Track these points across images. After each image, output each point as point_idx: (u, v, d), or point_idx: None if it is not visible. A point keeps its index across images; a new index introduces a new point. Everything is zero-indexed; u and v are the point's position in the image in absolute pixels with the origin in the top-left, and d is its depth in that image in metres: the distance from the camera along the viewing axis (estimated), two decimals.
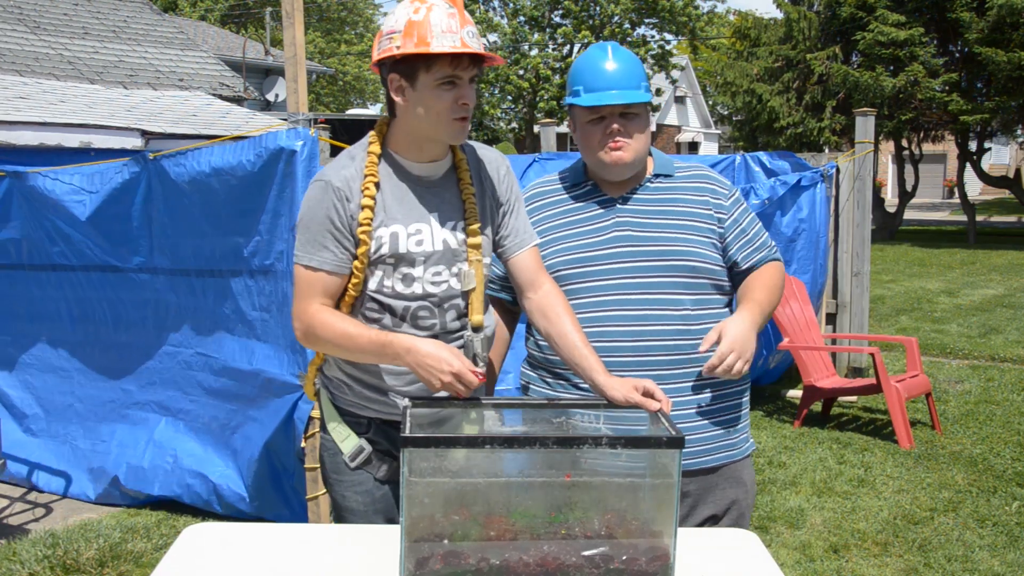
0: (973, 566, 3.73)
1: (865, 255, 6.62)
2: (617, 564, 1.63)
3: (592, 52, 2.24)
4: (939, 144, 21.59)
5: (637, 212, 2.23)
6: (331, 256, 1.95)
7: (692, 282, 2.17)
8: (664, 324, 2.14)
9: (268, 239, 3.80)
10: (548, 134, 7.67)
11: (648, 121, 2.23)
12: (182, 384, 4.32)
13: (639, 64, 2.23)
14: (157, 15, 12.92)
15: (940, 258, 15.90)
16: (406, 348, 1.85)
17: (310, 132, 3.63)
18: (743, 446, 2.28)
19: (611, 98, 2.16)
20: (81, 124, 5.98)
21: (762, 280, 2.24)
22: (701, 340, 2.12)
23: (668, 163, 2.31)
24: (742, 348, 2.05)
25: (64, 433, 4.68)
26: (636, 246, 2.18)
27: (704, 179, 2.29)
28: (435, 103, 1.89)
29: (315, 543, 1.89)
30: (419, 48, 1.84)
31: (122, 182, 4.16)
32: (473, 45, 1.87)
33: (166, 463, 4.37)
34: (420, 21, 1.85)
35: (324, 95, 33.40)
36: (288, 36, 3.50)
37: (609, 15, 28.00)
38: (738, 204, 2.29)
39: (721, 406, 2.21)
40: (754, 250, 2.27)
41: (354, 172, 1.97)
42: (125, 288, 4.41)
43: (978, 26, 16.26)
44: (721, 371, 2.03)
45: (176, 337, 4.30)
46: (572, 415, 1.98)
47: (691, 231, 2.20)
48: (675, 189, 2.27)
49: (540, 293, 2.06)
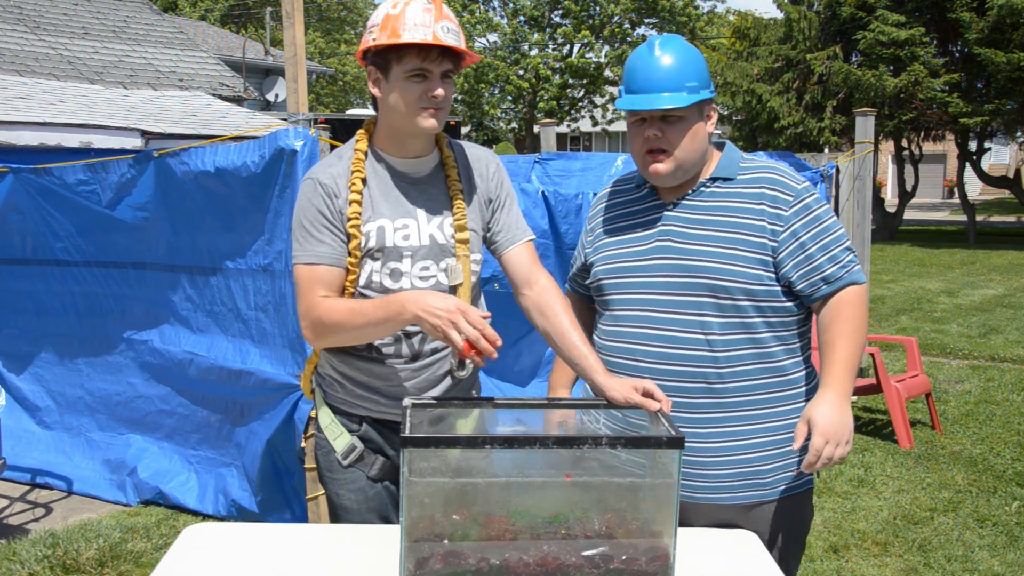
0: (973, 566, 3.73)
1: (865, 255, 6.62)
2: (617, 564, 1.63)
3: (640, 49, 2.05)
4: (939, 144, 21.58)
5: (682, 221, 2.04)
6: (328, 249, 1.97)
7: (724, 303, 1.97)
8: (687, 348, 1.98)
9: (269, 238, 3.81)
10: (548, 134, 7.66)
11: (697, 123, 2.01)
12: (180, 383, 4.33)
13: (692, 62, 2.01)
14: (157, 15, 12.92)
15: (940, 258, 15.90)
16: (411, 298, 1.83)
17: (310, 132, 3.64)
18: (778, 486, 2.03)
19: (645, 102, 1.98)
20: (81, 124, 5.99)
21: (840, 327, 1.95)
22: (725, 368, 1.97)
23: (733, 164, 2.08)
24: (837, 435, 1.86)
25: (77, 425, 4.73)
26: (673, 259, 2.01)
27: (766, 183, 2.02)
28: (405, 94, 1.92)
29: (315, 543, 1.89)
30: (391, 39, 1.88)
31: (126, 179, 4.16)
32: (446, 40, 1.88)
33: (169, 461, 4.38)
34: (396, 15, 1.89)
35: (324, 95, 33.38)
36: (288, 36, 3.50)
37: (609, 15, 28.01)
38: (803, 213, 1.98)
39: (751, 442, 2.00)
40: (819, 276, 1.97)
41: (341, 169, 2.00)
42: (127, 284, 4.43)
43: (978, 26, 16.24)
44: (820, 467, 1.87)
45: (174, 335, 4.31)
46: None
47: (734, 245, 1.97)
48: (731, 195, 2.03)
49: (536, 290, 2.05)
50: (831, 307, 1.98)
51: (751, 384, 2.00)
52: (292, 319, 3.77)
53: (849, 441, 1.90)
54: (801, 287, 1.98)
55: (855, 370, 1.96)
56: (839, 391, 1.92)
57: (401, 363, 2.02)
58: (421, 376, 2.03)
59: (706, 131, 2.05)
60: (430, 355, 2.04)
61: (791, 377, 2.04)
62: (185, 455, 4.41)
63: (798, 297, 2.01)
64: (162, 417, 4.45)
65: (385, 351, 2.02)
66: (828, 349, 1.96)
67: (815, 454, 1.87)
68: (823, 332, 1.99)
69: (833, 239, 1.99)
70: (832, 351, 1.95)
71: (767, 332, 2.00)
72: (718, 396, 1.99)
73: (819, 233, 1.98)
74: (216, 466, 4.28)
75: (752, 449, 2.01)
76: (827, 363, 1.95)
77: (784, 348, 2.03)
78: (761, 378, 2.00)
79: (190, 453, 4.39)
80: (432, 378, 2.05)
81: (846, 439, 1.89)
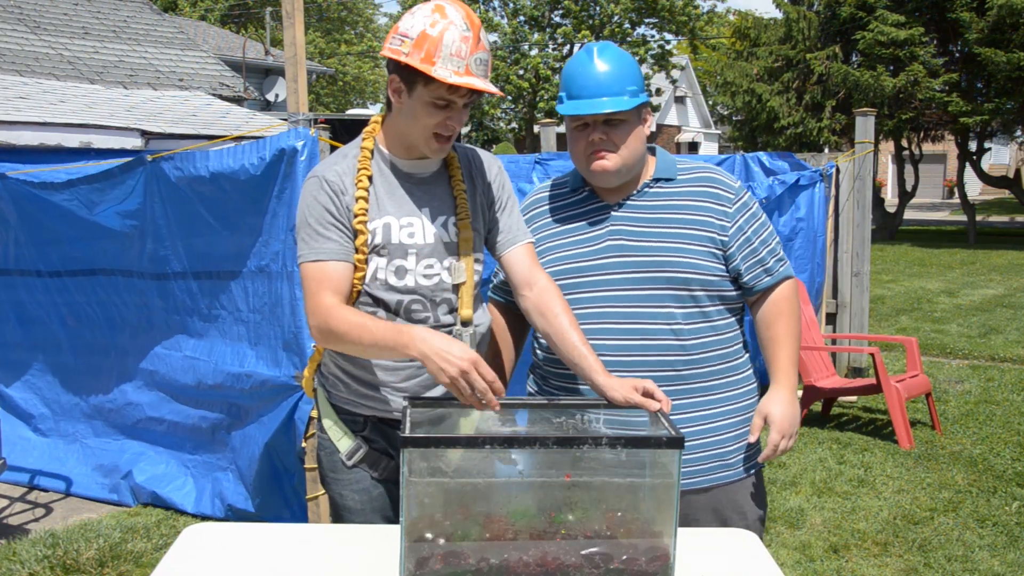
0: (973, 566, 3.73)
1: (865, 255, 6.62)
2: (617, 564, 1.63)
3: (578, 56, 2.14)
4: (939, 144, 21.60)
5: (631, 220, 2.14)
6: (335, 246, 1.96)
7: (684, 295, 2.08)
8: (653, 338, 2.07)
9: (266, 239, 3.80)
10: (548, 134, 7.67)
11: (637, 126, 2.12)
12: (177, 386, 4.31)
13: (629, 67, 2.10)
14: (157, 15, 12.92)
15: (940, 258, 15.90)
16: (422, 337, 1.80)
17: (310, 132, 3.64)
18: (740, 467, 2.16)
19: (588, 107, 2.06)
20: (81, 124, 5.99)
21: (783, 325, 2.15)
22: (693, 355, 2.08)
23: (671, 166, 2.20)
24: (790, 430, 2.10)
25: (73, 432, 4.71)
26: (627, 256, 2.10)
27: (707, 182, 2.16)
28: (424, 117, 1.92)
29: (315, 543, 1.89)
30: (423, 66, 1.85)
31: (119, 184, 4.13)
32: (477, 73, 1.88)
33: (165, 465, 4.37)
34: (434, 37, 1.85)
35: (324, 95, 33.39)
36: (288, 36, 3.50)
37: (609, 15, 28.01)
38: (744, 210, 2.15)
39: (714, 425, 2.12)
40: (762, 268, 2.14)
41: (347, 167, 2.01)
42: (123, 291, 4.41)
43: (978, 26, 16.26)
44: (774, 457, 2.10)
45: (170, 339, 4.29)
46: (572, 415, 1.98)
47: (687, 240, 2.09)
48: (675, 194, 2.15)
49: (536, 290, 2.05)
50: (772, 303, 2.17)
51: (712, 370, 2.13)
52: (288, 320, 3.76)
53: (796, 433, 2.14)
54: (746, 279, 2.15)
55: (797, 363, 2.18)
56: (788, 386, 2.14)
57: (406, 360, 2.02)
58: (425, 373, 2.04)
59: (644, 133, 2.17)
60: None
61: (740, 361, 2.19)
62: (181, 459, 4.39)
63: (740, 288, 2.17)
64: (155, 423, 4.42)
65: None
66: (774, 346, 2.16)
67: (772, 448, 2.09)
68: (766, 328, 2.17)
69: (770, 234, 2.18)
70: (778, 348, 2.15)
71: (721, 320, 2.14)
72: (684, 383, 2.09)
73: (758, 228, 2.16)
74: (213, 470, 4.26)
75: (715, 432, 2.13)
76: (774, 360, 2.15)
77: (734, 334, 2.18)
78: (720, 363, 2.14)
79: (187, 457, 4.37)
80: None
81: (795, 431, 2.13)
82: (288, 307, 3.75)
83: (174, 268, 4.15)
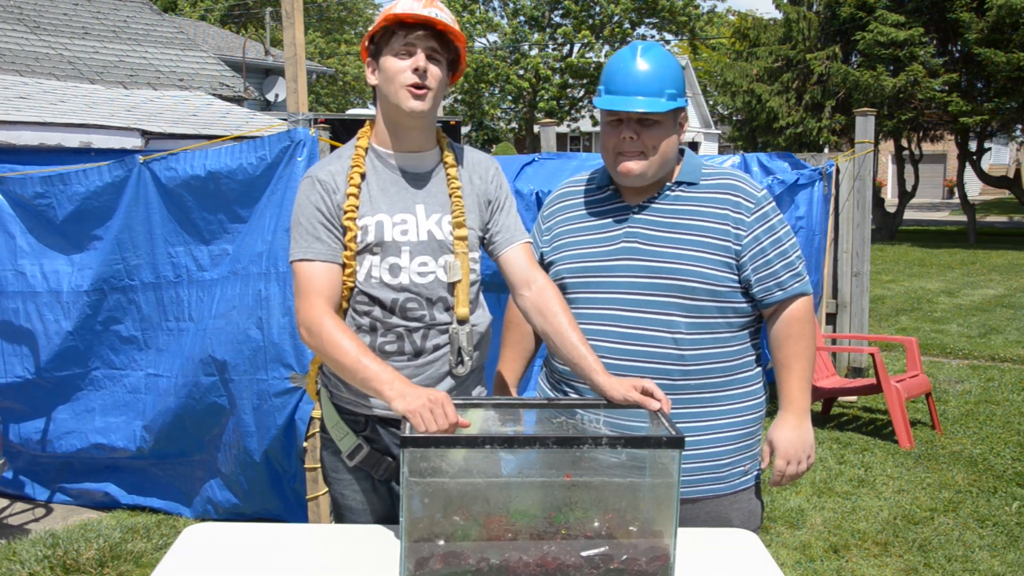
0: (973, 566, 3.73)
1: (865, 255, 6.62)
2: (617, 564, 1.63)
3: (622, 52, 2.12)
4: (939, 144, 21.60)
5: (648, 223, 2.11)
6: (324, 247, 1.98)
7: (689, 304, 2.05)
8: (652, 345, 2.06)
9: (259, 240, 3.79)
10: (548, 134, 7.68)
11: (672, 131, 2.10)
12: (174, 386, 4.28)
13: (671, 70, 2.08)
14: (157, 15, 12.92)
15: (940, 258, 15.90)
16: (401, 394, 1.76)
17: (310, 132, 3.64)
18: (733, 481, 2.13)
19: (623, 104, 2.04)
20: (81, 124, 5.98)
21: (794, 347, 2.09)
22: (691, 365, 2.05)
23: (696, 170, 2.16)
24: (798, 456, 2.08)
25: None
26: (639, 260, 2.08)
27: (729, 190, 2.11)
28: (391, 69, 1.97)
29: (315, 543, 1.89)
30: (380, 20, 1.97)
31: (108, 185, 4.09)
32: (431, 16, 1.95)
33: (161, 469, 4.35)
34: (391, 6, 1.98)
35: (324, 95, 33.36)
36: (288, 36, 3.50)
37: (609, 15, 28.02)
38: (763, 220, 2.09)
39: (709, 437, 2.09)
40: (775, 282, 2.09)
41: (340, 167, 2.04)
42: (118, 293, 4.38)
43: (978, 26, 16.26)
44: (784, 483, 2.09)
45: (164, 341, 4.26)
46: (572, 415, 1.98)
47: (700, 248, 2.06)
48: (695, 199, 2.12)
49: (534, 290, 2.05)
50: (784, 323, 2.11)
51: (712, 382, 2.09)
52: (280, 322, 3.75)
53: (811, 456, 2.10)
54: (756, 290, 2.09)
55: (810, 384, 2.12)
56: (798, 411, 2.10)
57: (404, 360, 2.03)
58: (424, 373, 2.04)
59: (677, 140, 2.14)
60: (432, 351, 2.05)
61: (747, 375, 2.14)
62: (175, 466, 4.35)
63: (753, 299, 2.12)
64: (149, 429, 4.39)
65: (388, 349, 2.03)
66: (784, 370, 2.11)
67: (779, 474, 2.09)
68: (777, 350, 2.13)
69: (789, 247, 2.11)
70: (789, 372, 2.10)
71: (727, 332, 2.10)
72: (680, 392, 2.05)
73: (777, 240, 2.10)
74: (213, 471, 4.24)
75: (709, 444, 2.10)
76: (785, 384, 2.11)
77: (741, 347, 2.13)
78: (721, 376, 2.10)
79: (186, 459, 4.34)
80: (435, 375, 2.06)
81: (807, 455, 2.10)
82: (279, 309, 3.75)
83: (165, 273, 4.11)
